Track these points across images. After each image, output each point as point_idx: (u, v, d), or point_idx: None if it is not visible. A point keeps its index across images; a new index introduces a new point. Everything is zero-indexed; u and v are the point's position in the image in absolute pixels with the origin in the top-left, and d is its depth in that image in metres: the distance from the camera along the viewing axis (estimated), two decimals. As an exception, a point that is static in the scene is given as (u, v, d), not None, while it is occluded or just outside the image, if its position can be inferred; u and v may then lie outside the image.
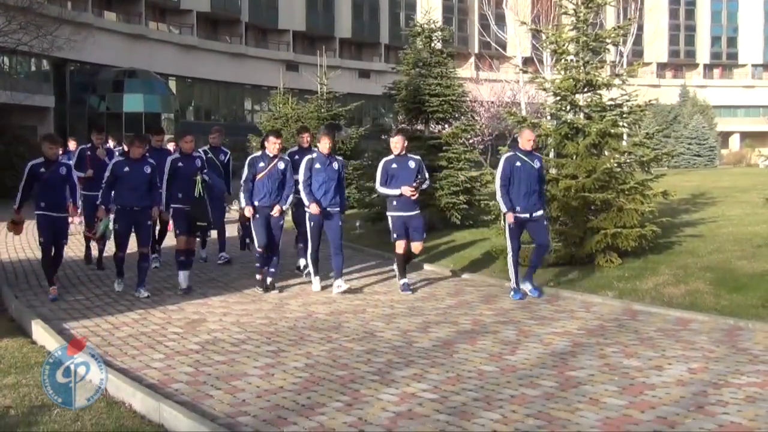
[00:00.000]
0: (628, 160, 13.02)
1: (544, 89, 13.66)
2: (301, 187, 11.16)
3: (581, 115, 13.05)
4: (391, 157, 11.36)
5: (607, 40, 13.41)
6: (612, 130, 12.56)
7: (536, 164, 10.71)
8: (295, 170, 11.49)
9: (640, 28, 64.24)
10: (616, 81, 13.30)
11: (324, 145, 11.22)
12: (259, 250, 11.12)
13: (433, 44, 19.32)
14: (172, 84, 55.18)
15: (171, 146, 16.11)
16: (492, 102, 46.71)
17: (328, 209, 11.17)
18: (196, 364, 7.38)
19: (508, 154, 10.78)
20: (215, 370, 7.19)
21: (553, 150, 13.48)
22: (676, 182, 21.12)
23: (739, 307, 9.26)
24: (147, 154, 11.24)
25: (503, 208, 10.50)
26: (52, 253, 10.77)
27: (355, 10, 73.61)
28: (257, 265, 11.29)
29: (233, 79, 61.32)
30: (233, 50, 62.31)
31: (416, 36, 19.46)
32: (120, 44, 50.05)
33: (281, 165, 11.18)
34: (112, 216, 11.17)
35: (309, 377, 6.92)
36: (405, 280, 11.25)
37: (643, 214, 12.11)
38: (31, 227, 12.96)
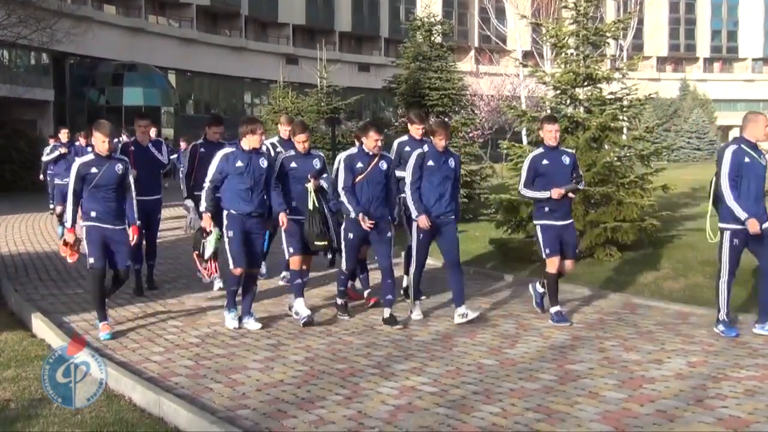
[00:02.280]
0: (627, 154, 13.04)
1: (544, 83, 13.67)
2: (407, 190, 8.80)
3: (581, 109, 13.05)
4: (540, 151, 8.96)
5: (608, 34, 13.41)
6: (612, 124, 12.56)
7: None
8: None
9: (641, 21, 64.07)
10: (616, 75, 13.31)
11: (439, 139, 8.82)
12: (345, 271, 9.00)
13: (433, 38, 19.34)
14: (172, 77, 55.09)
15: (182, 144, 16.25)
16: (492, 96, 46.62)
17: (441, 218, 8.80)
18: (196, 358, 7.38)
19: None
20: (215, 363, 7.20)
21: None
22: (675, 176, 21.08)
23: (739, 300, 9.26)
24: (203, 149, 10.29)
25: None
26: (117, 276, 8.52)
27: (354, 3, 73.44)
28: (341, 288, 9.13)
29: (233, 72, 61.19)
30: (233, 44, 62.19)
31: (416, 29, 19.47)
32: (120, 38, 49.93)
33: (384, 165, 8.81)
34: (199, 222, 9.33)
35: (309, 371, 6.93)
36: (558, 308, 8.86)
37: (642, 207, 12.12)
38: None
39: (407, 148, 9.63)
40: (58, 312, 9.25)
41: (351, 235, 8.70)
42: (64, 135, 16.76)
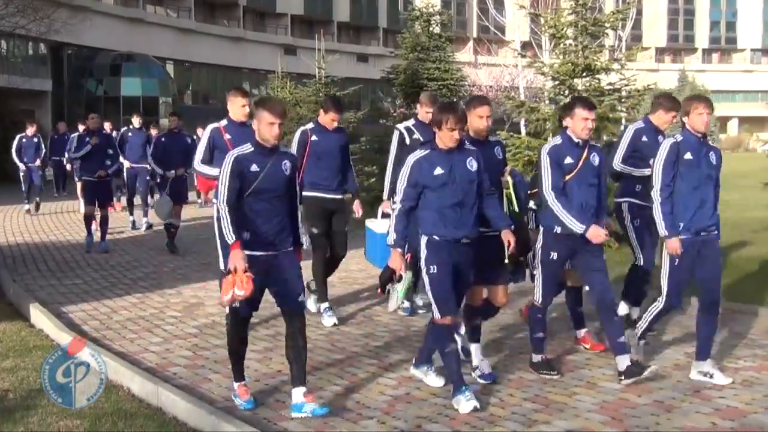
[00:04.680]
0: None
1: (543, 74, 13.66)
2: (656, 196, 6.47)
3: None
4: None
5: (606, 25, 13.41)
6: (610, 115, 12.57)
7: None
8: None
9: (639, 12, 63.97)
10: (615, 65, 13.31)
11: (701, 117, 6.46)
12: (541, 306, 6.71)
13: (431, 28, 19.33)
14: (170, 68, 54.94)
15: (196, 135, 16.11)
16: (490, 86, 46.57)
17: (701, 235, 6.46)
18: (195, 348, 7.39)
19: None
20: (213, 354, 7.21)
21: (551, 134, 13.47)
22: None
23: (737, 291, 9.26)
24: (315, 137, 8.49)
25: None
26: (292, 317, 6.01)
27: (353, -7, 73.34)
28: (538, 334, 6.71)
29: (231, 62, 61.04)
30: (231, 34, 62.03)
31: (415, 20, 19.45)
32: (117, 28, 49.76)
33: (596, 160, 6.54)
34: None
35: (307, 361, 6.93)
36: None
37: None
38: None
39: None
40: (57, 302, 9.25)
41: (554, 256, 6.55)
42: (136, 120, 16.75)
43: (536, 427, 5.44)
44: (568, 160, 6.41)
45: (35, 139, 19.01)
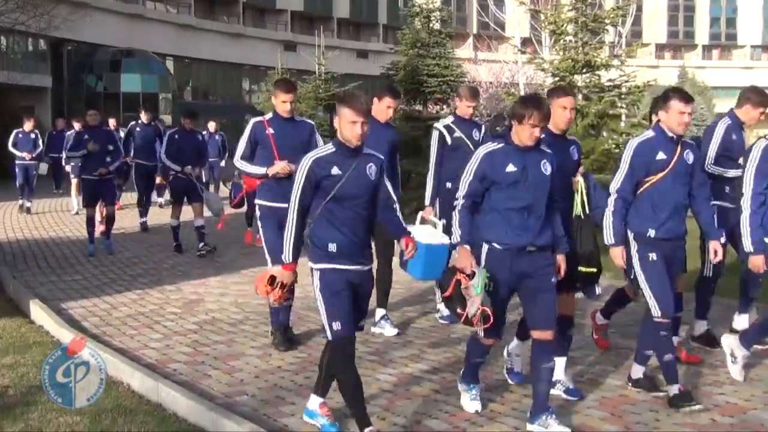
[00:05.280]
0: (626, 141, 13.03)
1: (543, 70, 13.66)
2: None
3: (580, 96, 13.04)
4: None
5: (606, 21, 13.41)
6: (610, 111, 12.58)
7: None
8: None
9: (639, 8, 63.94)
10: (615, 62, 13.32)
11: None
12: (664, 320, 5.85)
13: (431, 24, 19.31)
14: (170, 64, 54.88)
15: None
16: (490, 83, 46.51)
17: None
18: (194, 345, 7.39)
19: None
20: (213, 350, 7.21)
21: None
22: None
23: (736, 288, 9.25)
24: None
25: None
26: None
27: (353, -11, 73.29)
28: (667, 356, 5.90)
29: (231, 59, 60.98)
30: (231, 30, 61.97)
31: (415, 16, 19.43)
32: (117, 24, 49.70)
33: (690, 157, 5.92)
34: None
35: (307, 357, 6.94)
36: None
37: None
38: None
39: None
40: (57, 299, 9.24)
41: (653, 257, 5.86)
42: (145, 116, 16.34)
43: (536, 424, 5.44)
44: (661, 155, 5.80)
45: (32, 135, 18.80)
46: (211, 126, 20.73)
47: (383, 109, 7.54)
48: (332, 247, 5.02)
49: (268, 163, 7.20)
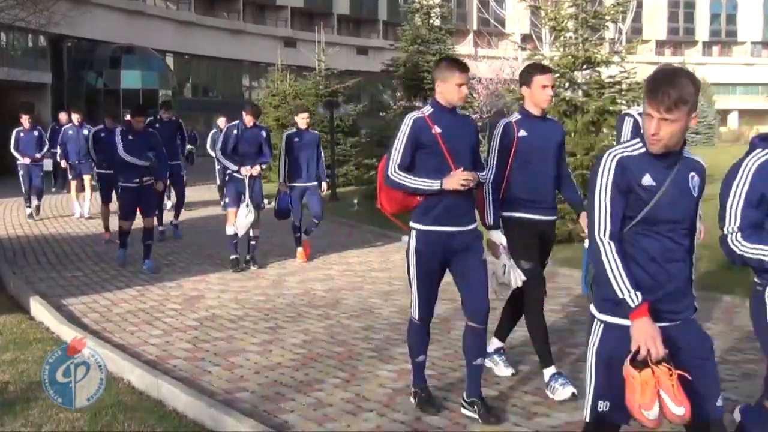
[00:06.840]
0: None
1: (543, 66, 13.64)
2: None
3: (580, 93, 13.04)
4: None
5: (606, 17, 13.41)
6: (610, 108, 12.56)
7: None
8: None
9: (640, 5, 63.88)
10: (615, 58, 13.31)
11: None
12: None
13: (431, 21, 19.33)
14: (170, 60, 54.88)
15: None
16: (490, 79, 46.53)
17: None
18: (195, 341, 7.40)
19: None
20: (213, 346, 7.21)
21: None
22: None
23: (736, 284, 9.27)
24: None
25: None
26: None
27: (353, -14, 73.23)
28: None
29: (231, 55, 60.98)
30: (231, 26, 61.96)
31: (415, 12, 19.44)
32: (117, 20, 49.69)
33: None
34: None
35: (307, 354, 6.95)
36: None
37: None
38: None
39: None
40: (57, 295, 9.25)
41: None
42: (166, 114, 14.35)
43: (536, 420, 5.44)
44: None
45: (35, 133, 17.39)
46: (221, 122, 20.51)
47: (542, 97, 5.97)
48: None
49: (437, 174, 5.29)
